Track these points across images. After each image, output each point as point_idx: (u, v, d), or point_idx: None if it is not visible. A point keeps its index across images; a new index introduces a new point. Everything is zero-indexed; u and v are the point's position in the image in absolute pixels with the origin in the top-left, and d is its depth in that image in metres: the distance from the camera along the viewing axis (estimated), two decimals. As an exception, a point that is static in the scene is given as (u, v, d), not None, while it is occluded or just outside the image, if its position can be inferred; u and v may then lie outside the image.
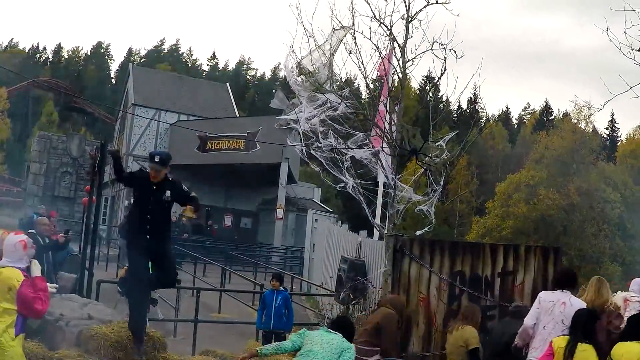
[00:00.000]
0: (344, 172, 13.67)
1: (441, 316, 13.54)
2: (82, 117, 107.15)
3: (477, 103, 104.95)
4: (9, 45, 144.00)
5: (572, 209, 51.16)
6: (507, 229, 53.66)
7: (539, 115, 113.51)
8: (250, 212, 46.48)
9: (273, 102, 16.42)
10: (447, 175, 14.11)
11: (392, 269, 13.27)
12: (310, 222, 28.38)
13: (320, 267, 24.88)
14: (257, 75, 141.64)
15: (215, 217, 45.78)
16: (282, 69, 14.75)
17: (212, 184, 45.32)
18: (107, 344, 10.14)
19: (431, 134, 13.97)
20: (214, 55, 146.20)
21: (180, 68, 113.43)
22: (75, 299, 12.89)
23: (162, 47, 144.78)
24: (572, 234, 50.87)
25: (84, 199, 27.04)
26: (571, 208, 51.15)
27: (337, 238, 22.41)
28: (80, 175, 56.72)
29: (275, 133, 32.48)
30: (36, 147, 58.37)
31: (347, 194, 15.41)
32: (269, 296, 14.83)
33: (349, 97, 14.09)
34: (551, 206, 51.12)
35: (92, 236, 15.92)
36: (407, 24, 14.21)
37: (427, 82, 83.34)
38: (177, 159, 44.13)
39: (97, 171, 16.28)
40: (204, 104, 50.35)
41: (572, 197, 51.43)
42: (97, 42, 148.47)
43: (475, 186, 74.20)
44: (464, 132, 18.02)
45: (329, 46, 13.98)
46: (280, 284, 15.15)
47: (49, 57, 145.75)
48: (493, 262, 13.99)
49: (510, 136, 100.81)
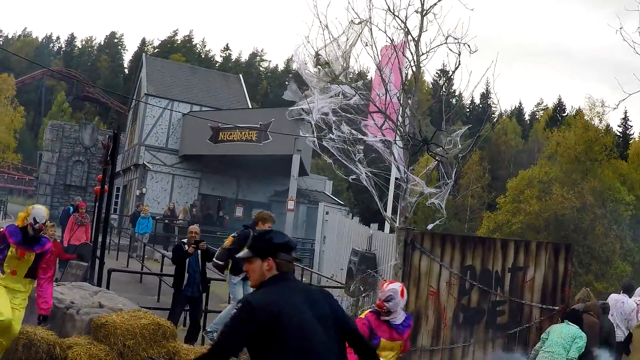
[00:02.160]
0: (356, 163, 13.64)
1: (451, 310, 13.53)
2: (95, 106, 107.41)
3: (490, 98, 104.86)
4: (22, 35, 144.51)
5: (584, 207, 50.92)
6: (517, 224, 53.48)
7: (551, 112, 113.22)
8: (262, 204, 46.50)
9: (286, 94, 16.41)
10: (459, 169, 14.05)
11: (402, 262, 13.25)
12: (321, 215, 28.35)
13: (330, 259, 24.87)
14: (269, 67, 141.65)
15: (227, 208, 45.89)
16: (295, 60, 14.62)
17: (224, 175, 45.42)
18: (117, 332, 10.15)
19: (444, 128, 13.92)
20: (227, 47, 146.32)
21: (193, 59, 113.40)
22: (86, 287, 12.94)
23: (175, 38, 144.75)
24: (583, 232, 50.66)
25: (95, 188, 27.17)
26: (583, 207, 50.91)
27: (348, 230, 22.40)
28: (92, 165, 56.88)
29: (288, 125, 32.49)
30: (48, 135, 58.49)
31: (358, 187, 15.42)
32: None
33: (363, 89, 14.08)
34: (564, 205, 50.91)
35: (103, 225, 15.97)
36: (422, 18, 14.17)
37: (440, 76, 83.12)
38: (190, 149, 44.35)
39: (109, 160, 16.32)
40: (217, 95, 50.43)
41: (586, 196, 51.20)
42: (110, 32, 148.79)
43: (486, 181, 74.06)
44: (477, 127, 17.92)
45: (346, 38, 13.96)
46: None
47: (62, 46, 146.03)
48: (504, 258, 13.98)
49: (522, 132, 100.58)
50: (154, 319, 10.92)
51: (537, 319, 13.87)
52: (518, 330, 13.75)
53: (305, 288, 5.38)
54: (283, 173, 39.96)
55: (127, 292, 16.97)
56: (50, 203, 54.72)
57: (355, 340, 5.41)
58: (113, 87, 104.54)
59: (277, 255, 5.14)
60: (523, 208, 54.01)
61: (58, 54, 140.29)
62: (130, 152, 49.71)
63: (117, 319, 10.52)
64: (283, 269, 5.17)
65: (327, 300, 5.29)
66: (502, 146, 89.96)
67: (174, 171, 46.12)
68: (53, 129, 58.54)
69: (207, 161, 44.79)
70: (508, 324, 13.77)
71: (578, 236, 49.75)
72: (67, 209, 28.50)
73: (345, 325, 5.31)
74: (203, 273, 14.46)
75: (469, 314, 13.62)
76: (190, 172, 46.40)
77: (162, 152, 45.94)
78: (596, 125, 61.01)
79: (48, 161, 57.67)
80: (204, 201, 46.20)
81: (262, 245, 5.17)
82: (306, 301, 5.07)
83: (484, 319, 13.69)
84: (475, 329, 13.66)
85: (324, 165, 57.91)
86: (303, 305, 5.02)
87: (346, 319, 5.38)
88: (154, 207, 41.30)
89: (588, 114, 62.76)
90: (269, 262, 5.11)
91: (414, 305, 13.21)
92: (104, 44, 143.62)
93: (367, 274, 16.32)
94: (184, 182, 46.34)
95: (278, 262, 5.14)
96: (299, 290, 5.18)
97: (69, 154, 57.75)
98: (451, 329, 13.42)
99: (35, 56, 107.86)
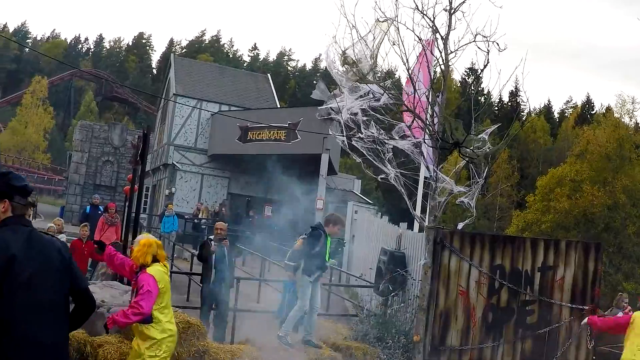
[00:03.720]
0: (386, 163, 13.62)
1: (480, 310, 13.48)
2: (123, 106, 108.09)
3: (519, 96, 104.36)
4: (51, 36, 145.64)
5: (616, 206, 50.53)
6: (546, 223, 53.17)
7: (580, 109, 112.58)
8: (291, 203, 46.55)
9: (314, 93, 16.44)
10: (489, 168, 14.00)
11: (431, 261, 13.21)
12: (350, 214, 28.36)
13: (359, 258, 24.88)
14: (297, 66, 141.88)
15: (256, 208, 45.93)
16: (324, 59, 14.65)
17: (253, 174, 45.45)
18: (147, 330, 10.21)
19: (473, 126, 13.87)
20: (255, 47, 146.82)
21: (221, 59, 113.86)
22: (116, 286, 13.03)
23: (203, 38, 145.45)
24: (614, 231, 50.27)
25: (125, 187, 27.29)
26: (614, 205, 50.53)
27: (377, 230, 22.39)
28: (122, 164, 57.18)
29: (316, 124, 32.48)
30: (78, 136, 58.84)
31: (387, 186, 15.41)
32: (288, 284, 14.91)
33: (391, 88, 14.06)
34: (595, 203, 50.55)
35: (133, 225, 16.04)
36: (450, 16, 14.13)
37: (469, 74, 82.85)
38: (218, 149, 44.44)
39: (139, 160, 16.38)
40: (245, 95, 50.50)
41: (618, 195, 50.80)
42: (138, 33, 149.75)
43: (515, 180, 73.76)
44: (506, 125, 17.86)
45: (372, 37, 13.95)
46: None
47: (90, 47, 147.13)
48: (533, 257, 13.89)
49: (551, 130, 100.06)
50: (184, 317, 10.99)
51: (566, 319, 13.79)
52: (547, 330, 13.68)
53: (40, 237, 5.32)
54: (312, 172, 39.95)
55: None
56: (80, 203, 55.08)
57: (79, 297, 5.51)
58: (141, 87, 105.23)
59: (13, 197, 5.20)
60: (553, 206, 53.70)
61: (86, 55, 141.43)
62: (159, 152, 49.90)
63: (148, 318, 10.58)
64: (17, 212, 5.22)
65: (60, 253, 5.33)
66: (531, 144, 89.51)
67: (202, 171, 46.24)
68: (82, 129, 58.90)
69: (235, 161, 44.83)
70: (537, 324, 13.69)
71: (609, 235, 49.39)
72: (85, 209, 28.70)
73: (74, 281, 5.40)
74: (230, 269, 14.56)
75: (498, 314, 13.56)
76: (219, 172, 46.50)
77: (191, 151, 46.09)
78: (627, 123, 60.59)
79: (78, 161, 58.03)
80: (233, 201, 46.29)
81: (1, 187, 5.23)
82: (40, 251, 5.13)
83: (513, 319, 13.62)
84: (505, 328, 13.60)
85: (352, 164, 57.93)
86: (37, 255, 5.09)
87: (76, 275, 5.46)
88: (183, 207, 41.47)
89: (618, 112, 62.32)
90: (5, 204, 5.18)
91: (443, 304, 13.18)
92: (132, 44, 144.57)
93: (397, 273, 16.29)
94: (212, 182, 46.46)
95: (14, 204, 5.20)
96: (34, 239, 5.19)
97: (98, 154, 58.09)
98: (480, 329, 13.37)
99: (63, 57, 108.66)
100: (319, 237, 12.88)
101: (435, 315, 13.12)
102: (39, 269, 5.03)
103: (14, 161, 78.62)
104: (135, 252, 9.06)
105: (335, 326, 19.10)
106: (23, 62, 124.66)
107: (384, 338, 14.50)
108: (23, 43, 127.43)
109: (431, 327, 13.09)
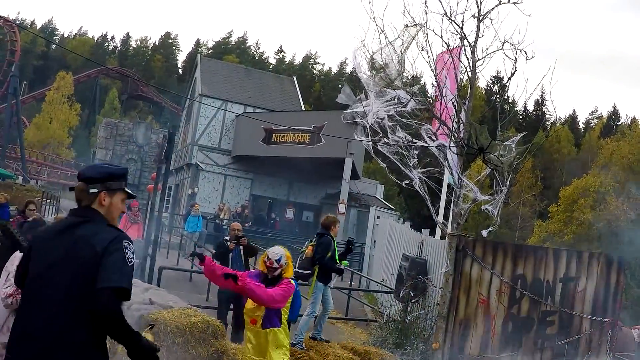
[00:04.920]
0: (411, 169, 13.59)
1: (500, 319, 13.43)
2: (148, 105, 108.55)
3: (545, 105, 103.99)
4: (78, 34, 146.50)
5: (640, 219, 50.18)
6: (569, 234, 52.93)
7: (606, 120, 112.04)
8: (313, 206, 46.59)
9: (340, 97, 16.42)
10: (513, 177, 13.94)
11: (453, 269, 13.17)
12: (372, 219, 28.35)
13: (380, 263, 24.84)
14: (323, 69, 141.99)
15: (278, 210, 45.99)
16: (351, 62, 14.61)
17: (276, 176, 45.56)
18: (167, 329, 10.22)
19: (499, 134, 13.82)
20: (281, 49, 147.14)
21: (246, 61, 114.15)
22: (137, 283, 13.04)
23: (229, 39, 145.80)
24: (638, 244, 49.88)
25: (149, 186, 27.40)
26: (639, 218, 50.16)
27: (399, 236, 22.35)
28: (145, 163, 57.41)
29: (341, 128, 32.48)
30: (102, 133, 59.24)
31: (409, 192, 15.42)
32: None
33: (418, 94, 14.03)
34: (619, 216, 50.20)
35: (156, 223, 16.11)
36: (478, 23, 14.09)
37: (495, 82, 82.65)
38: (242, 150, 44.56)
39: (164, 159, 16.45)
40: (270, 97, 50.60)
41: (643, 208, 50.46)
42: (165, 33, 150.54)
43: (539, 190, 73.45)
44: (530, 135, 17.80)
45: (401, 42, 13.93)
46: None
47: (117, 46, 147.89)
48: (555, 267, 13.86)
49: (575, 140, 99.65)
50: (204, 317, 11.00)
51: (587, 331, 13.73)
52: (567, 341, 13.61)
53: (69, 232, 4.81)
54: (335, 176, 39.94)
55: (177, 290, 17.09)
56: (103, 200, 55.32)
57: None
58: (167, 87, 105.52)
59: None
60: (576, 217, 53.45)
61: (113, 53, 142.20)
62: (183, 152, 50.07)
63: (167, 316, 10.60)
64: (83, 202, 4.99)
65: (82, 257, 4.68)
66: (554, 154, 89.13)
67: (226, 171, 46.36)
68: (107, 127, 59.28)
69: (259, 162, 44.92)
70: (557, 335, 13.64)
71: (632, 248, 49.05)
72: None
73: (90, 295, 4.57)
74: (246, 269, 14.58)
75: (518, 323, 13.52)
76: (242, 173, 46.60)
77: (215, 152, 46.22)
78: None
79: (101, 158, 58.43)
80: (255, 202, 46.38)
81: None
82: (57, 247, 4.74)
83: (533, 329, 13.57)
84: (524, 338, 13.54)
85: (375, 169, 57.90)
86: (52, 251, 4.73)
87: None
88: (205, 207, 41.54)
89: (644, 123, 62.06)
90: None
91: (463, 312, 13.14)
92: (159, 44, 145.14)
93: (418, 279, 16.25)
94: (235, 183, 46.56)
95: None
96: (61, 231, 4.85)
97: (122, 151, 58.49)
98: (500, 338, 13.32)
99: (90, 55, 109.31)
100: (329, 243, 12.95)
101: (455, 323, 13.09)
102: (43, 268, 4.74)
103: (38, 156, 79.00)
104: (286, 264, 9.17)
105: (354, 331, 19.10)
106: (50, 59, 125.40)
107: (402, 344, 14.46)
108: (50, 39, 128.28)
109: (450, 335, 13.05)
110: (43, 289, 4.67)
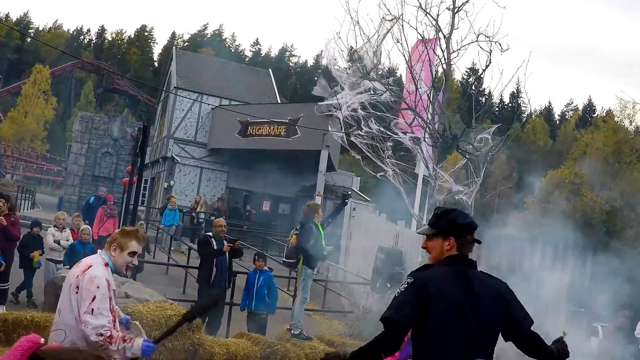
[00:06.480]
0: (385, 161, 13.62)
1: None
2: (124, 98, 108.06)
3: (520, 97, 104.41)
4: (53, 27, 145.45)
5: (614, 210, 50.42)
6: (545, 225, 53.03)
7: (581, 112, 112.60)
8: (289, 199, 46.51)
9: (315, 90, 16.43)
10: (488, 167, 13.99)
11: (429, 259, 13.17)
12: (348, 211, 28.35)
13: (357, 255, 24.88)
14: (299, 62, 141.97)
15: (254, 202, 45.93)
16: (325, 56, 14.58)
17: (252, 169, 45.42)
18: (143, 322, 10.20)
19: (474, 126, 13.86)
20: (257, 42, 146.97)
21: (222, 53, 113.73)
22: (113, 277, 13.01)
23: (205, 32, 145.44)
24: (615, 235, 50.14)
25: (124, 179, 27.30)
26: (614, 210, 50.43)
27: (375, 227, 22.39)
28: (121, 156, 57.17)
29: (317, 120, 32.47)
30: (78, 127, 58.82)
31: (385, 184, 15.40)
32: (252, 276, 14.81)
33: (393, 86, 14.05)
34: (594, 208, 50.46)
35: (131, 216, 16.06)
36: (453, 15, 14.13)
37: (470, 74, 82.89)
38: (218, 143, 44.44)
39: (138, 152, 16.40)
40: (246, 89, 50.40)
41: (617, 201, 50.70)
42: (140, 26, 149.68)
43: (514, 181, 73.71)
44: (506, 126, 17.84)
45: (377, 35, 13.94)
46: (265, 263, 15.08)
47: (92, 39, 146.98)
48: (531, 257, 13.92)
49: (551, 132, 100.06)
50: (180, 310, 10.98)
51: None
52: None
53: (479, 277, 5.09)
54: (311, 168, 39.88)
55: (153, 284, 17.05)
56: (79, 194, 55.22)
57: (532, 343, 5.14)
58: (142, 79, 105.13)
59: (459, 235, 5.03)
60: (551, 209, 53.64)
61: (88, 46, 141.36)
62: (159, 145, 49.85)
63: (143, 310, 10.59)
64: (463, 251, 5.04)
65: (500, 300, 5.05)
66: (530, 145, 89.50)
67: (202, 164, 46.21)
68: (82, 120, 58.87)
69: (235, 155, 44.78)
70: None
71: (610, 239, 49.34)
72: (88, 199, 28.60)
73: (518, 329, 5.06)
74: (230, 268, 14.57)
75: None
76: (218, 166, 46.45)
77: (191, 145, 46.06)
78: (627, 127, 60.54)
79: (77, 152, 58.00)
80: (231, 195, 46.28)
81: (446, 224, 5.05)
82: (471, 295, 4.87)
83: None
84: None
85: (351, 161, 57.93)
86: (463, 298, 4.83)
87: (519, 320, 5.08)
88: (181, 200, 41.38)
89: (619, 116, 62.29)
90: (450, 242, 5.00)
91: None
92: (134, 37, 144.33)
93: (394, 271, 16.29)
94: (211, 176, 46.41)
95: (460, 242, 5.03)
96: (468, 278, 4.95)
97: (97, 145, 58.06)
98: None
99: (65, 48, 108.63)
100: (311, 229, 13.05)
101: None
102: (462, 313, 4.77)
103: (13, 150, 78.54)
104: None
105: (331, 322, 19.12)
106: (25, 52, 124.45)
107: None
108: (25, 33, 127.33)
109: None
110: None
